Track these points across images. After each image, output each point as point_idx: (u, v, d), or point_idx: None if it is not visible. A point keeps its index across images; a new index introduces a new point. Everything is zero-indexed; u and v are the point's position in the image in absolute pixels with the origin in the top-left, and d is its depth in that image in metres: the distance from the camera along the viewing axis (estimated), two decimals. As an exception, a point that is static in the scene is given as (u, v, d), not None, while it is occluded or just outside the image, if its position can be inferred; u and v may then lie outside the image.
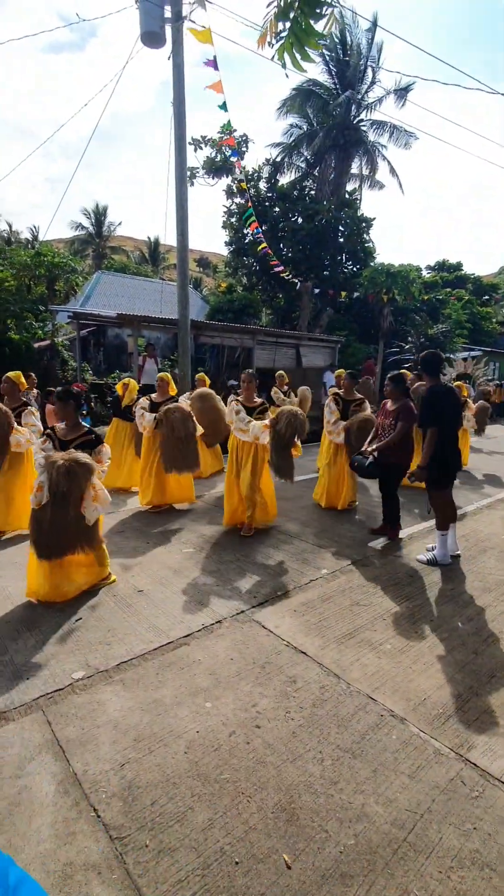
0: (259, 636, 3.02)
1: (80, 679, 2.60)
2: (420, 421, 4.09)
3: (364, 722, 2.31)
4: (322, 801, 1.92)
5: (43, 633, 3.04)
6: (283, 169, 19.42)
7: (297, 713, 2.35)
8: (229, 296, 18.43)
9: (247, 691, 2.50)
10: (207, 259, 50.67)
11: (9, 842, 1.73)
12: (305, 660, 2.78)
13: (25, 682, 2.57)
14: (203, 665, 2.72)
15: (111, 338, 16.77)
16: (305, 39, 2.41)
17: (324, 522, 5.32)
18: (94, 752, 2.11)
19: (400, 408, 4.54)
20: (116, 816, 1.83)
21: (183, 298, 9.59)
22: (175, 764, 2.06)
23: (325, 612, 3.32)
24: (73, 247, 37.80)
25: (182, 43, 8.90)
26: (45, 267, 12.91)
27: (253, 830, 1.79)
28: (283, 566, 4.11)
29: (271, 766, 2.06)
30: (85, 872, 1.63)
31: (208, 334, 11.71)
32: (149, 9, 8.49)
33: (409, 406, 4.53)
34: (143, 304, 19.59)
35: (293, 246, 18.03)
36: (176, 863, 1.67)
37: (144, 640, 2.97)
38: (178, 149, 9.18)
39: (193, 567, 4.06)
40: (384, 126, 18.62)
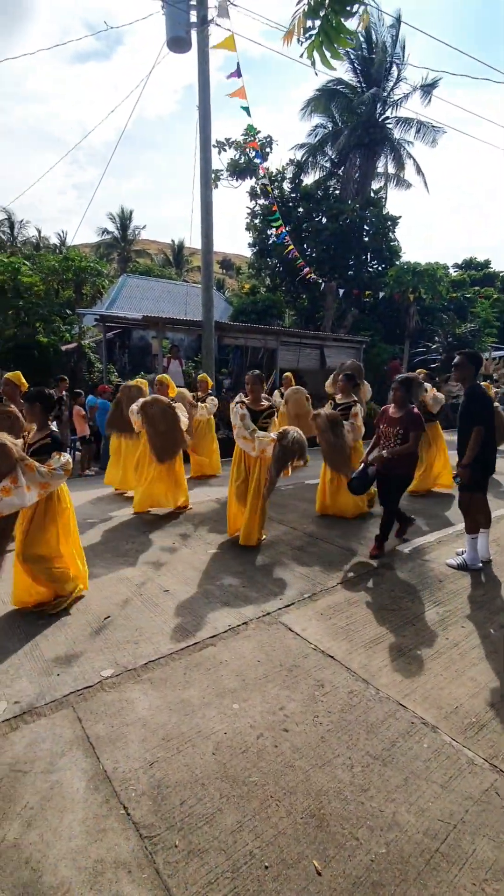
0: (285, 639, 3.00)
1: (108, 677, 2.63)
2: (463, 420, 3.91)
3: (394, 729, 2.27)
4: (352, 808, 1.89)
5: (72, 631, 3.09)
6: (307, 169, 19.35)
7: (326, 718, 2.33)
8: (252, 297, 18.45)
9: (274, 694, 2.49)
10: (231, 261, 50.90)
11: (41, 837, 1.76)
12: (333, 664, 2.75)
13: (56, 678, 2.62)
14: (230, 666, 2.72)
15: (136, 340, 17.00)
16: (335, 37, 2.39)
17: (349, 525, 5.26)
18: (123, 750, 2.13)
19: (407, 416, 4.23)
20: (146, 815, 1.84)
21: (207, 300, 9.66)
22: (203, 765, 2.06)
23: (352, 616, 3.28)
24: (100, 251, 38.54)
25: (207, 47, 8.97)
26: (72, 271, 13.17)
27: (282, 835, 1.77)
28: (308, 569, 4.08)
29: (300, 771, 2.04)
30: (115, 870, 1.64)
31: (232, 335, 11.75)
32: (175, 14, 8.59)
33: (417, 414, 4.25)
34: (168, 307, 19.79)
35: (317, 246, 17.94)
36: (205, 864, 1.66)
37: (171, 639, 2.99)
38: (202, 151, 9.25)
39: (219, 568, 4.07)
40: (410, 123, 18.36)
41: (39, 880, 1.61)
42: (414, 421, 4.18)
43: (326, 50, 2.38)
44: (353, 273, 18.48)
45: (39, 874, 1.62)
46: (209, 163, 9.46)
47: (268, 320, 16.70)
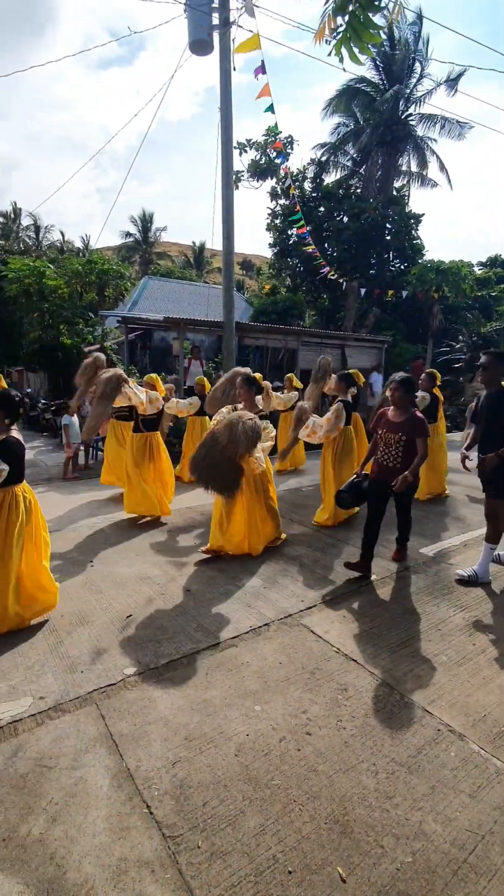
0: (307, 641, 2.98)
1: (131, 675, 2.65)
2: (491, 423, 3.64)
3: (420, 736, 2.22)
4: (377, 816, 1.85)
5: (95, 628, 3.12)
6: (328, 168, 19.24)
7: (349, 722, 2.29)
8: (273, 297, 18.44)
9: (296, 697, 2.47)
10: (251, 261, 51.00)
11: (66, 833, 1.77)
12: (356, 668, 2.71)
13: (80, 675, 2.65)
14: (251, 668, 2.71)
15: (157, 341, 17.16)
16: (363, 32, 2.37)
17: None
18: (146, 749, 2.14)
19: (410, 421, 3.79)
20: (169, 815, 1.84)
21: (228, 301, 9.67)
22: (226, 766, 2.05)
23: (375, 620, 3.23)
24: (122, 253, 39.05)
25: (230, 49, 9.00)
26: (95, 274, 13.37)
27: (306, 840, 1.75)
28: (330, 570, 4.04)
29: (323, 776, 2.01)
30: (138, 869, 1.65)
31: (252, 336, 11.75)
32: (197, 17, 8.63)
33: (421, 418, 3.81)
34: (188, 308, 19.93)
35: (338, 245, 17.81)
36: (228, 867, 1.65)
37: (193, 639, 2.99)
38: (224, 152, 9.28)
39: (240, 569, 4.06)
40: (434, 119, 18.08)
41: (64, 877, 1.62)
42: (418, 426, 3.76)
43: (354, 46, 2.36)
44: (374, 272, 18.29)
45: (64, 870, 1.64)
46: (230, 164, 9.47)
47: (288, 320, 16.66)
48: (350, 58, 2.52)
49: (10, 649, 2.88)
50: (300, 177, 18.40)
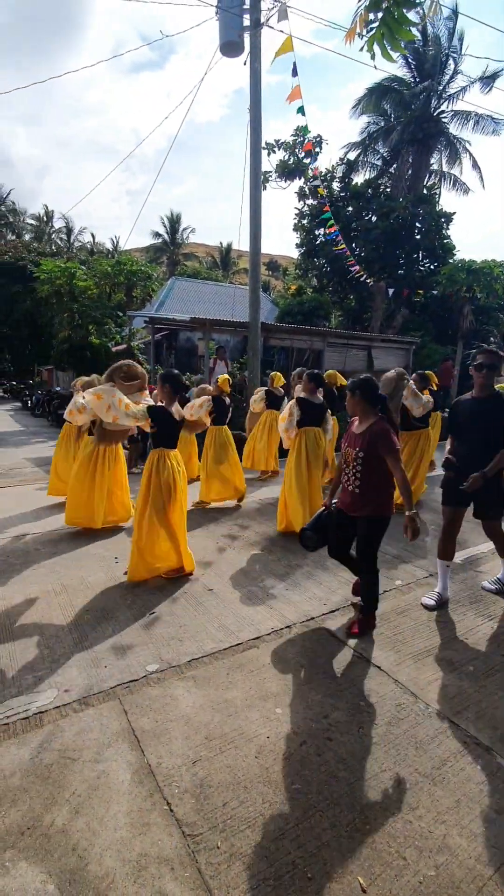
0: (330, 645, 2.95)
1: (153, 672, 2.67)
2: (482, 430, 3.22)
3: (445, 747, 2.17)
4: (399, 827, 1.82)
5: (119, 624, 3.16)
6: (357, 168, 19.06)
7: (372, 730, 2.26)
8: (299, 298, 18.37)
9: (318, 701, 2.44)
10: (277, 262, 50.92)
11: (88, 825, 1.80)
12: (379, 674, 2.66)
13: (104, 669, 2.68)
14: (272, 669, 2.70)
15: (182, 341, 17.32)
16: (397, 29, 2.33)
17: (395, 531, 5.10)
18: (167, 746, 2.15)
19: (370, 432, 2.90)
20: (189, 813, 1.84)
21: (254, 301, 9.68)
22: (246, 767, 2.04)
23: (399, 626, 3.17)
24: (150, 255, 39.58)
25: (259, 49, 9.01)
26: (124, 275, 13.60)
27: (326, 847, 1.73)
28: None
29: (344, 782, 1.98)
30: (158, 866, 1.66)
31: (278, 336, 11.73)
32: (228, 19, 8.67)
33: (384, 428, 2.89)
34: (214, 308, 20.04)
35: (366, 245, 17.61)
36: (247, 869, 1.65)
37: (215, 638, 3.00)
38: (253, 153, 9.29)
39: (262, 569, 4.06)
40: (468, 116, 17.70)
41: (85, 868, 1.64)
42: (380, 437, 2.84)
43: (387, 43, 2.32)
44: (403, 272, 18.01)
45: (86, 862, 1.66)
46: (259, 165, 9.48)
47: (314, 321, 16.56)
48: (382, 55, 2.49)
49: (37, 642, 2.94)
50: (329, 176, 18.29)
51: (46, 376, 23.53)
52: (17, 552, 4.36)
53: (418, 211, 17.31)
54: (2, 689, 2.51)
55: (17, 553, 4.34)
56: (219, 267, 43.54)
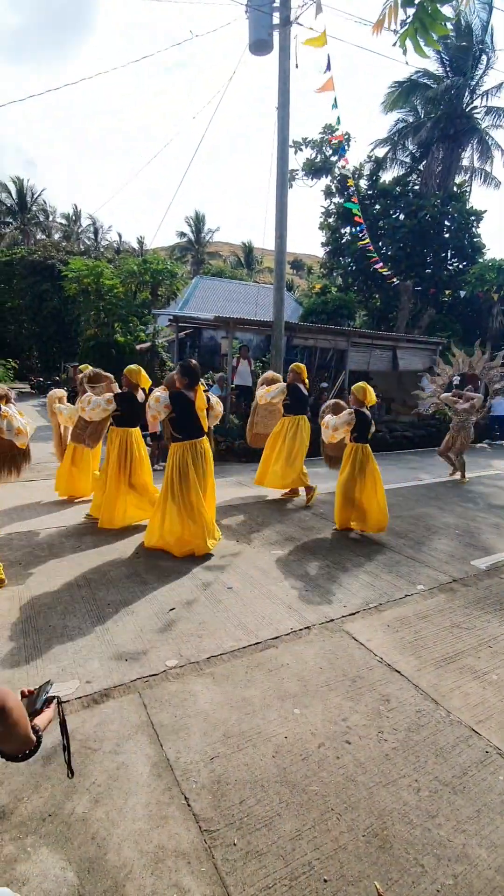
0: (349, 648, 2.92)
1: (173, 667, 2.70)
2: None
3: (466, 756, 2.13)
4: (418, 834, 1.79)
5: (140, 618, 3.20)
6: (385, 165, 18.82)
7: (391, 735, 2.23)
8: (323, 297, 18.25)
9: (336, 703, 2.43)
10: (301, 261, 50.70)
11: (107, 815, 1.83)
12: (400, 679, 2.63)
13: (124, 663, 2.73)
14: (291, 670, 2.69)
15: (206, 340, 17.42)
16: (431, 24, 2.29)
17: (420, 534, 5.04)
18: (185, 741, 2.17)
19: None
20: (206, 809, 1.86)
21: (279, 300, 9.66)
22: (263, 766, 2.05)
23: (421, 632, 3.13)
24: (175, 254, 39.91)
25: (289, 47, 8.98)
26: (149, 273, 13.73)
27: (342, 850, 1.72)
28: (375, 577, 3.95)
29: (362, 787, 1.97)
30: (175, 859, 1.67)
31: (301, 336, 11.68)
32: (258, 18, 8.66)
33: None
34: (237, 307, 20.08)
35: (393, 244, 17.39)
36: (263, 868, 1.65)
37: (234, 637, 3.01)
38: (280, 152, 9.27)
39: (282, 569, 4.05)
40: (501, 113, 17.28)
41: (104, 857, 1.67)
42: None
43: (421, 38, 2.29)
44: (430, 271, 17.73)
45: (105, 851, 1.69)
46: (286, 163, 9.45)
47: (338, 321, 16.43)
48: (415, 50, 2.45)
49: (61, 633, 3.00)
50: (356, 175, 18.10)
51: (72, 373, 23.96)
52: (42, 545, 4.46)
53: (447, 209, 17.00)
54: (26, 678, 2.57)
55: (42, 546, 4.44)
56: (243, 265, 43.61)
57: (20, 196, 38.81)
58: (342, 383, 12.15)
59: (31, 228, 39.12)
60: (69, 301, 18.27)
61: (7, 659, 2.73)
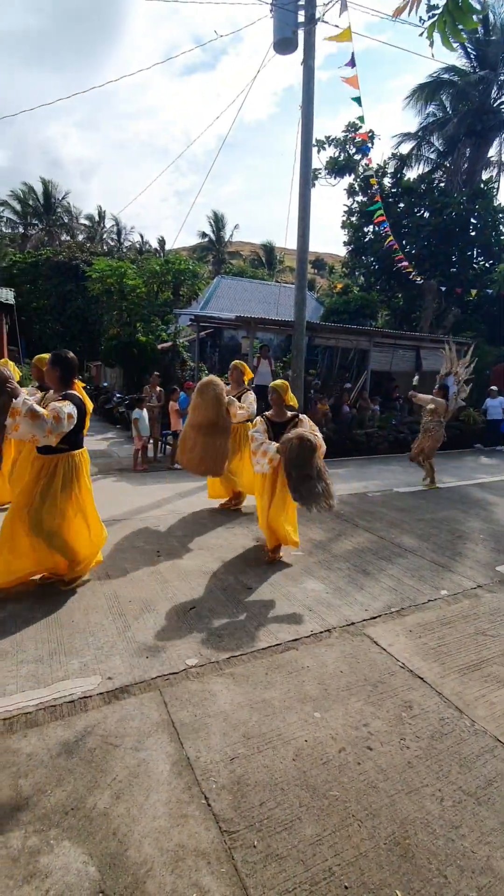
0: (371, 652, 2.89)
1: (193, 666, 2.71)
2: None
3: (491, 767, 2.08)
4: (441, 844, 1.76)
5: (160, 616, 3.23)
6: (409, 162, 18.55)
7: (414, 743, 2.19)
8: (345, 297, 18.10)
9: (357, 708, 2.40)
10: (323, 260, 50.39)
11: (128, 811, 1.84)
12: (423, 686, 2.59)
13: (145, 660, 2.75)
14: (311, 673, 2.67)
15: (226, 339, 17.46)
16: (460, 17, 2.24)
17: (443, 539, 4.95)
18: (205, 741, 2.18)
19: None
20: (226, 809, 1.86)
21: (300, 300, 9.61)
22: (283, 769, 2.04)
23: (445, 638, 3.07)
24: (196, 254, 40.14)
25: (314, 45, 8.92)
26: (171, 273, 13.83)
27: (363, 857, 1.70)
28: (397, 581, 3.89)
29: (384, 794, 1.94)
30: (195, 859, 1.68)
31: (323, 336, 11.61)
32: (283, 16, 8.63)
33: None
34: (258, 307, 20.09)
35: (417, 242, 17.12)
36: (283, 871, 1.64)
37: (253, 637, 3.00)
38: (303, 150, 9.22)
39: (302, 571, 4.03)
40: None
41: (125, 853, 1.68)
42: None
43: (449, 31, 2.24)
44: (456, 270, 17.39)
45: (126, 847, 1.71)
46: (309, 162, 9.39)
47: (360, 320, 16.28)
48: (443, 43, 2.41)
49: (83, 629, 3.05)
50: (380, 172, 17.89)
51: (94, 372, 24.32)
52: (66, 541, 4.53)
53: (474, 206, 16.65)
54: (50, 672, 2.61)
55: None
56: (264, 265, 43.58)
57: (46, 198, 39.57)
58: (363, 384, 12.04)
59: (57, 230, 39.84)
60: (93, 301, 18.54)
61: (31, 653, 2.78)
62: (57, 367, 3.47)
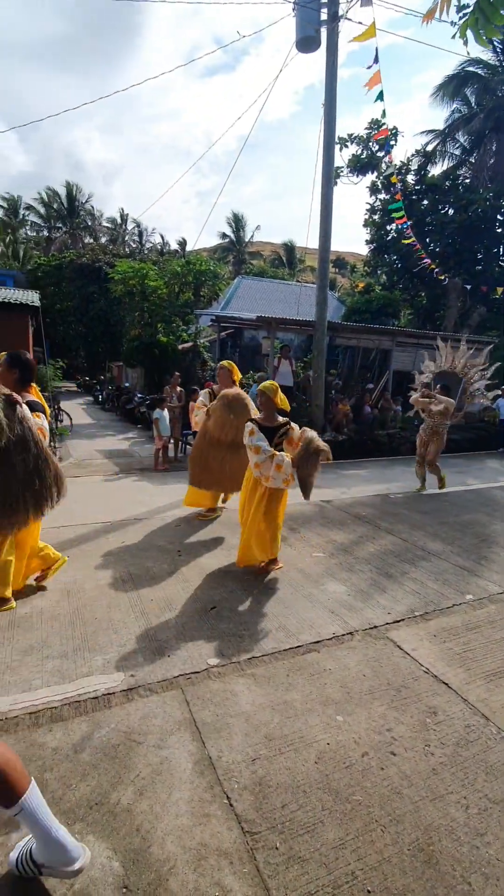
0: (394, 656, 2.85)
1: (214, 665, 2.72)
2: None
3: (519, 776, 2.03)
4: (466, 851, 1.73)
5: (182, 615, 3.25)
6: (434, 159, 18.27)
7: (438, 749, 2.16)
8: (367, 296, 17.94)
9: (380, 713, 2.38)
10: (344, 259, 50.03)
11: (151, 808, 1.86)
12: (447, 692, 2.54)
13: (167, 658, 2.77)
14: (333, 675, 2.66)
15: (247, 340, 17.47)
16: (493, 14, 2.20)
17: (468, 542, 4.86)
18: (227, 741, 2.19)
19: None
20: (248, 810, 1.86)
21: (322, 299, 9.57)
22: (305, 772, 2.03)
23: (470, 643, 3.01)
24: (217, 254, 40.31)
25: (337, 43, 8.87)
26: (192, 274, 13.92)
27: (387, 863, 1.68)
28: (421, 585, 3.84)
29: (408, 800, 1.91)
30: (218, 858, 1.68)
31: (344, 336, 11.53)
32: (306, 14, 8.61)
33: None
34: (278, 307, 20.04)
35: (441, 240, 16.84)
36: (306, 874, 1.64)
37: (275, 638, 3.00)
38: (326, 149, 9.17)
39: (323, 573, 4.01)
40: None
41: (148, 850, 1.70)
42: None
43: (481, 28, 2.20)
44: (481, 267, 17.05)
45: (149, 844, 1.72)
46: (332, 160, 9.34)
47: (382, 320, 16.11)
48: (476, 40, 2.37)
49: (106, 626, 3.09)
50: (403, 169, 17.67)
51: (116, 373, 24.65)
52: (89, 539, 4.61)
53: (500, 202, 16.30)
54: (74, 668, 2.66)
55: (89, 540, 4.59)
56: (284, 265, 43.50)
57: (70, 201, 40.31)
58: (385, 384, 11.90)
59: (80, 233, 40.54)
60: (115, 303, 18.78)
61: (56, 648, 2.83)
62: (15, 369, 3.29)
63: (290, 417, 4.03)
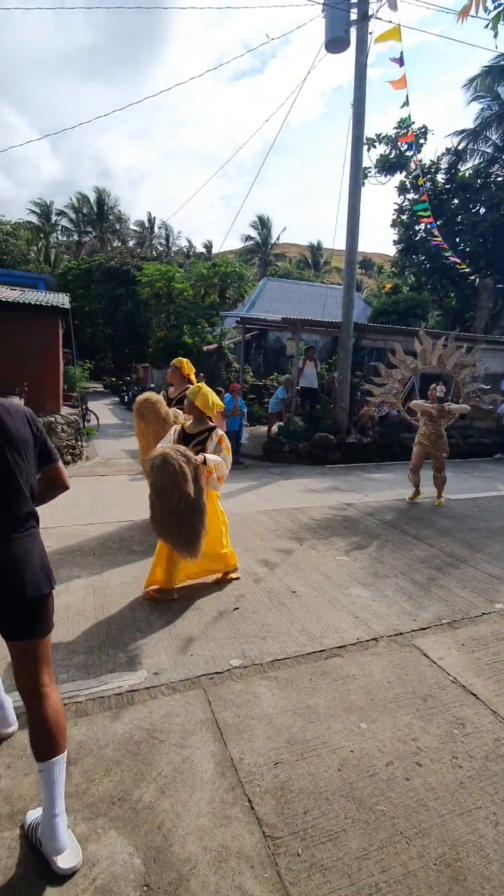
0: (420, 664, 2.79)
1: (237, 667, 2.71)
2: None
3: (552, 794, 1.95)
4: (495, 869, 1.67)
5: (205, 616, 3.25)
6: (465, 157, 17.88)
7: (466, 762, 2.09)
8: (394, 297, 17.68)
9: (406, 722, 2.32)
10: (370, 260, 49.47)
11: (172, 806, 1.86)
12: (476, 703, 2.47)
13: (190, 658, 2.78)
14: (358, 682, 2.61)
15: (271, 341, 17.44)
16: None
17: (498, 549, 4.72)
18: (249, 743, 2.17)
19: None
20: (269, 814, 1.84)
21: (348, 300, 9.48)
22: (328, 778, 2.00)
23: (500, 654, 2.91)
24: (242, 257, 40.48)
25: (366, 43, 8.79)
26: (218, 276, 14.00)
27: (412, 876, 1.63)
28: (448, 592, 3.74)
29: (434, 813, 1.86)
30: (238, 861, 1.67)
31: (370, 337, 11.39)
32: (335, 15, 8.56)
33: None
34: (303, 308, 19.95)
35: (472, 239, 16.46)
36: (328, 883, 1.61)
37: (297, 642, 2.97)
38: (354, 149, 9.10)
39: (347, 576, 3.95)
40: None
41: (169, 849, 1.70)
42: None
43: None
44: (513, 267, 16.60)
45: (170, 843, 1.72)
46: (360, 160, 9.26)
47: (409, 321, 15.84)
48: None
49: (130, 623, 3.12)
50: (433, 168, 17.37)
51: (142, 374, 24.98)
52: (114, 538, 4.67)
53: (535, 200, 15.84)
54: (99, 664, 2.69)
55: (114, 538, 4.65)
56: (309, 266, 43.32)
57: (99, 206, 41.14)
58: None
59: (109, 236, 41.31)
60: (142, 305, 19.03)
61: (81, 644, 2.87)
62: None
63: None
